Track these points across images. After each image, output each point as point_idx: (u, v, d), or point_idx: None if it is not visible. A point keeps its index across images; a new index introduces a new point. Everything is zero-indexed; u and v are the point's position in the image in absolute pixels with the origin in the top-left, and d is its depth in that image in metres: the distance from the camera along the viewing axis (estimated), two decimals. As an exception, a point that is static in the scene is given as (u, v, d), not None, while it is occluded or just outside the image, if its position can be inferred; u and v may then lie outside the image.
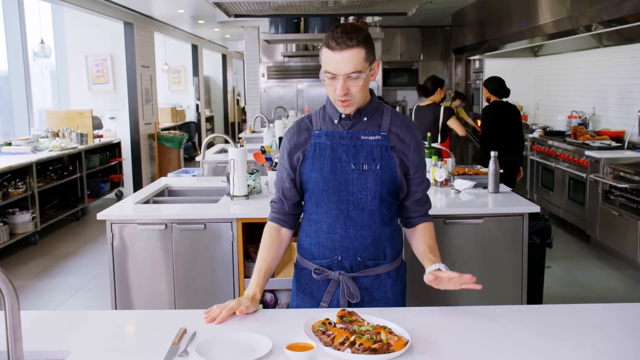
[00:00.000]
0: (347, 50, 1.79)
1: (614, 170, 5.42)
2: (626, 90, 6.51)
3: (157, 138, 9.94)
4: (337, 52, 1.80)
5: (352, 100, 1.87)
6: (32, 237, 6.41)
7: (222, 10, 3.92)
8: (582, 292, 4.78)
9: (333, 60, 1.81)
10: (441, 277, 1.82)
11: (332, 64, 1.81)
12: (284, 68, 10.49)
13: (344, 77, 1.82)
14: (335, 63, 1.81)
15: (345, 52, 1.79)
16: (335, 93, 1.84)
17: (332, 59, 1.81)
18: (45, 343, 1.63)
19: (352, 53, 1.80)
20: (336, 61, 1.80)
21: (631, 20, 4.93)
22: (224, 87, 16.82)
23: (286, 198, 2.04)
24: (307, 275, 2.01)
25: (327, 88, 1.89)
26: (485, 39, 8.71)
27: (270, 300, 3.60)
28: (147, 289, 3.44)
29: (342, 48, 1.79)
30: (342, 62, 1.80)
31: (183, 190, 4.25)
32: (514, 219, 3.40)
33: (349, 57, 1.80)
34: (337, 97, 1.86)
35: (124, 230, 3.37)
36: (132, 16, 9.13)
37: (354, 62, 1.80)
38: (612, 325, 1.70)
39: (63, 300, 4.81)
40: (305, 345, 1.53)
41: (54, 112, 8.35)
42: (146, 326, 1.80)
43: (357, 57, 1.80)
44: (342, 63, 1.80)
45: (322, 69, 1.87)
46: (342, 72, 1.81)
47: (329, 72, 1.83)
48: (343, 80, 1.82)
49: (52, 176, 7.04)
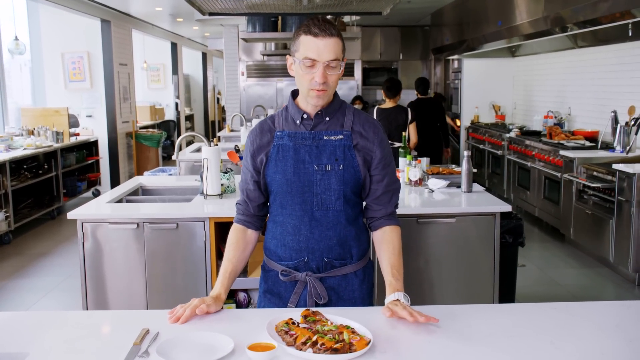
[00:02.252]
0: (329, 38, 1.81)
1: (587, 170, 5.49)
2: (600, 91, 6.59)
3: (135, 136, 9.86)
4: (320, 39, 1.80)
5: (327, 91, 1.86)
6: (6, 237, 6.33)
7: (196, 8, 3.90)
8: (555, 290, 4.83)
9: (316, 46, 1.80)
10: (396, 313, 1.73)
11: (315, 50, 1.80)
12: (263, 67, 10.47)
13: (324, 64, 1.81)
14: (318, 49, 1.80)
15: (327, 39, 1.81)
16: (313, 81, 1.83)
17: (315, 45, 1.80)
18: (2, 345, 1.61)
19: (334, 41, 1.82)
20: (319, 47, 1.80)
21: (605, 21, 4.99)
22: (204, 85, 16.74)
23: (250, 200, 2.03)
24: (274, 277, 2.01)
25: (301, 78, 1.85)
26: (463, 39, 8.76)
27: (244, 300, 3.59)
28: (119, 289, 3.41)
29: (325, 35, 1.80)
30: (325, 49, 1.80)
31: (157, 189, 4.22)
32: (486, 218, 3.43)
33: (331, 44, 1.81)
34: (313, 85, 1.83)
35: (96, 230, 3.34)
36: (109, 13, 9.04)
37: (335, 50, 1.82)
38: (574, 323, 1.72)
39: (36, 300, 4.76)
40: (266, 345, 1.53)
41: (29, 110, 8.24)
42: (109, 327, 1.79)
43: (337, 46, 1.83)
44: (325, 50, 1.80)
45: (297, 56, 1.84)
46: (325, 58, 1.81)
47: (309, 57, 1.81)
48: (323, 68, 1.81)
49: (26, 175, 6.95)
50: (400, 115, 5.87)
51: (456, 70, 10.22)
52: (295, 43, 1.87)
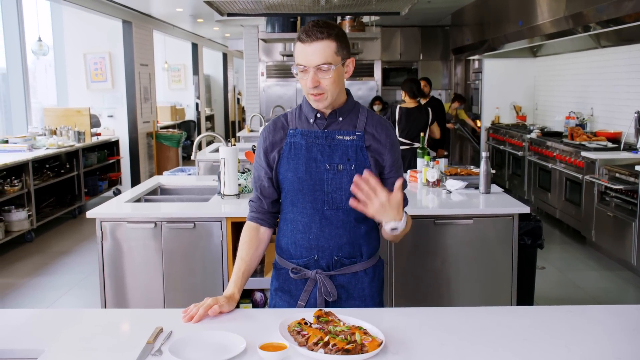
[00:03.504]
0: (317, 42, 1.82)
1: (609, 172, 5.41)
2: (623, 92, 6.49)
3: (156, 136, 9.94)
4: (307, 44, 1.83)
5: (324, 95, 1.87)
6: (28, 235, 6.42)
7: (215, 9, 3.92)
8: (575, 293, 4.77)
9: (304, 53, 1.84)
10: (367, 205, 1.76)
11: (303, 56, 1.84)
12: (283, 67, 10.49)
13: (314, 69, 1.83)
14: (305, 55, 1.83)
15: (315, 44, 1.82)
16: (307, 86, 1.85)
17: (303, 51, 1.84)
18: (19, 342, 1.63)
19: (322, 45, 1.82)
20: (306, 53, 1.83)
21: (629, 20, 4.91)
22: (224, 85, 16.82)
23: (264, 196, 2.04)
24: (285, 275, 2.02)
25: (300, 83, 1.90)
26: (484, 39, 8.69)
27: (260, 300, 3.60)
28: (137, 287, 3.44)
29: (312, 40, 1.82)
30: (313, 54, 1.82)
31: (176, 189, 4.25)
32: (504, 220, 3.39)
33: (319, 49, 1.82)
34: (309, 90, 1.86)
35: (115, 229, 3.37)
36: (131, 14, 9.13)
37: (324, 54, 1.83)
38: (590, 326, 1.70)
39: (57, 297, 4.82)
40: (278, 345, 1.53)
41: (52, 110, 8.36)
42: (124, 325, 1.80)
43: (327, 49, 1.83)
44: (312, 55, 1.83)
45: (294, 63, 1.89)
46: (312, 63, 1.83)
47: (300, 64, 1.85)
48: (313, 72, 1.83)
49: (49, 174, 7.04)
50: (422, 115, 5.92)
51: (477, 71, 10.14)
52: (293, 50, 1.92)
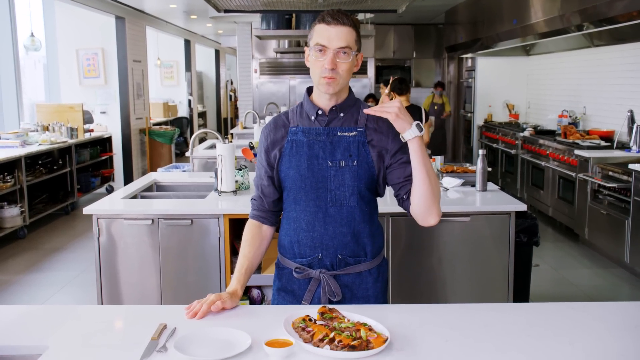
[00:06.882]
0: (342, 26, 1.84)
1: (602, 170, 5.44)
2: (616, 90, 6.53)
3: (148, 133, 9.90)
4: (332, 26, 1.84)
5: (337, 79, 1.86)
6: (21, 231, 6.38)
7: (212, 5, 3.91)
8: (569, 290, 4.80)
9: (327, 32, 1.85)
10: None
11: (325, 36, 1.84)
12: (276, 64, 10.47)
13: (334, 51, 1.84)
14: (328, 35, 1.84)
15: (340, 27, 1.84)
16: (323, 68, 1.85)
17: (327, 31, 1.85)
18: (23, 338, 1.62)
19: (347, 30, 1.85)
20: (330, 33, 1.84)
21: (622, 20, 4.94)
22: (216, 82, 16.78)
23: (265, 195, 2.03)
24: (288, 274, 2.01)
25: (313, 66, 1.88)
26: (477, 37, 8.72)
27: (257, 297, 3.60)
28: (133, 284, 3.43)
29: (337, 23, 1.84)
30: (336, 35, 1.84)
31: (171, 186, 4.24)
32: (501, 217, 3.41)
33: (343, 32, 1.84)
34: (323, 73, 1.85)
35: (111, 225, 3.36)
36: (124, 10, 9.08)
37: (347, 38, 1.84)
38: (592, 323, 1.71)
39: (50, 294, 4.79)
40: (284, 342, 1.53)
41: (44, 106, 8.30)
42: (127, 322, 1.80)
43: (350, 35, 1.85)
44: (335, 36, 1.84)
45: (311, 44, 1.88)
46: (334, 45, 1.84)
47: (320, 44, 1.85)
48: (333, 54, 1.84)
49: (41, 170, 7.00)
50: (415, 115, 5.92)
51: (470, 69, 10.17)
52: (310, 33, 1.92)
